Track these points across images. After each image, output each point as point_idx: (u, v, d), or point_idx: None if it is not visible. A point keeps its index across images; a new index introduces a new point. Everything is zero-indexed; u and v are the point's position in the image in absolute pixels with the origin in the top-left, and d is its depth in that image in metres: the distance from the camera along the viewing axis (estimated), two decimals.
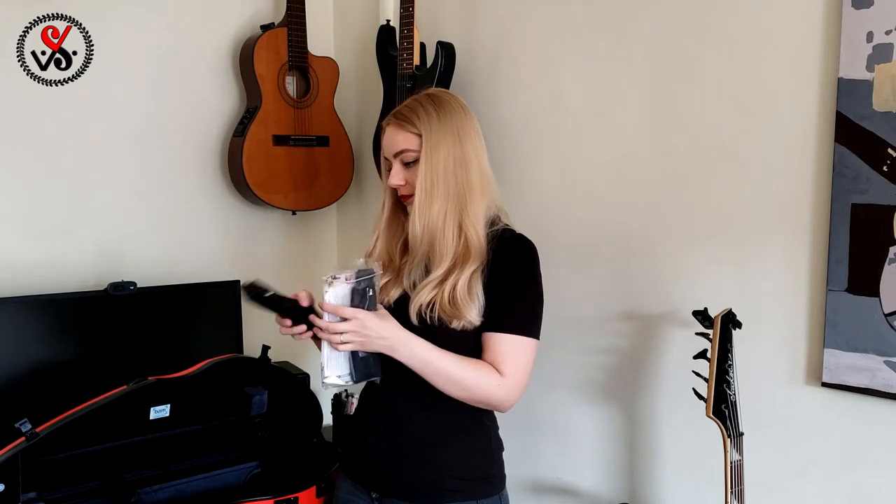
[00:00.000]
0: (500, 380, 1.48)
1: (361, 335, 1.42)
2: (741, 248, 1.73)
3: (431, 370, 1.47)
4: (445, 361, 1.47)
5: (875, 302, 1.52)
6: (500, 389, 1.49)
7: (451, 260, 1.50)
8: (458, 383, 1.48)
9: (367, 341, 1.43)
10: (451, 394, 1.49)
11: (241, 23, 2.53)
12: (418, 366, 1.47)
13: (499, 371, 1.48)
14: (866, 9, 1.50)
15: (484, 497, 1.55)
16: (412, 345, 1.46)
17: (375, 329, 1.42)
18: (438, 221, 1.50)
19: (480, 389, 1.49)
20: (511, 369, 1.49)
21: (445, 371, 1.47)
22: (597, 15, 1.97)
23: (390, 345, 1.44)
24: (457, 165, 1.51)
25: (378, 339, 1.43)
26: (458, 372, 1.47)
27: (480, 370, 1.48)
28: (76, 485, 1.89)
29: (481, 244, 1.51)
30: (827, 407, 1.62)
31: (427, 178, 1.50)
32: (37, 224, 2.22)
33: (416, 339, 1.46)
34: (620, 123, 1.94)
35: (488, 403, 1.53)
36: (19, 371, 2.02)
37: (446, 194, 1.51)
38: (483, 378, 1.48)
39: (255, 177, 2.42)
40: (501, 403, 1.52)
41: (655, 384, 1.89)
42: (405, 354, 1.45)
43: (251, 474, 2.13)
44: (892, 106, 1.48)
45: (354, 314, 1.42)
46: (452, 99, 1.57)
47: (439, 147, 1.51)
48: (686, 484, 1.86)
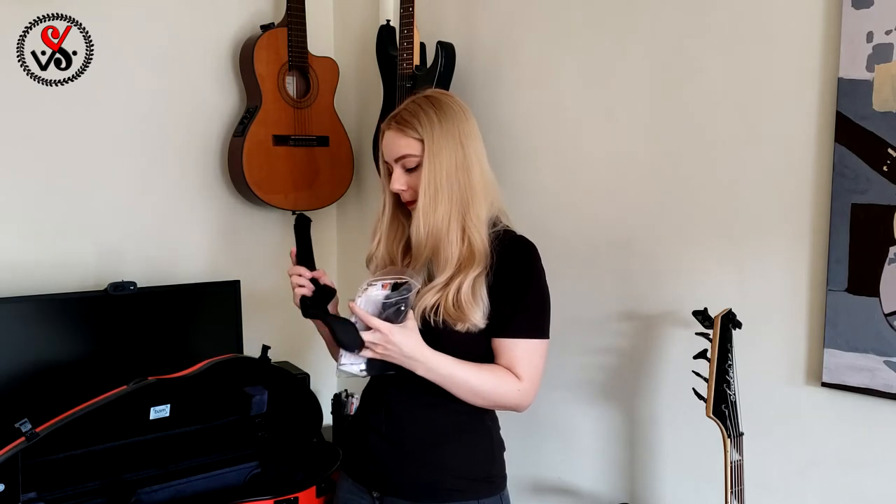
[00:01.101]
0: (518, 384, 1.51)
1: (384, 348, 1.45)
2: (741, 248, 1.73)
3: (451, 383, 1.49)
4: (466, 374, 1.49)
5: (875, 302, 1.52)
6: (519, 394, 1.52)
7: (456, 264, 1.50)
8: (479, 393, 1.50)
9: (388, 354, 1.46)
10: (470, 402, 1.52)
11: (241, 23, 2.53)
12: (439, 380, 1.49)
13: (516, 375, 1.50)
14: (866, 9, 1.50)
15: (485, 497, 1.56)
16: (432, 363, 1.47)
17: (398, 345, 1.45)
18: (443, 226, 1.51)
19: (500, 396, 1.51)
20: (527, 372, 1.51)
21: (467, 383, 1.49)
22: (597, 15, 1.97)
23: (412, 363, 1.47)
24: (459, 169, 1.51)
25: (400, 355, 1.46)
26: (479, 382, 1.49)
27: (500, 377, 1.50)
28: (76, 485, 1.89)
29: (485, 247, 1.52)
30: (827, 407, 1.62)
31: (430, 183, 1.50)
32: (37, 224, 2.22)
33: (436, 355, 1.48)
34: (620, 123, 1.94)
35: (506, 406, 1.55)
36: (19, 371, 2.02)
37: (450, 199, 1.51)
38: (502, 385, 1.50)
39: (255, 177, 2.42)
40: (520, 406, 1.54)
41: (655, 384, 1.89)
42: (424, 371, 1.48)
43: (251, 474, 2.13)
44: (892, 106, 1.48)
45: (380, 326, 1.44)
46: (452, 101, 1.57)
47: (441, 152, 1.51)
48: (686, 484, 1.86)
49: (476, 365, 1.50)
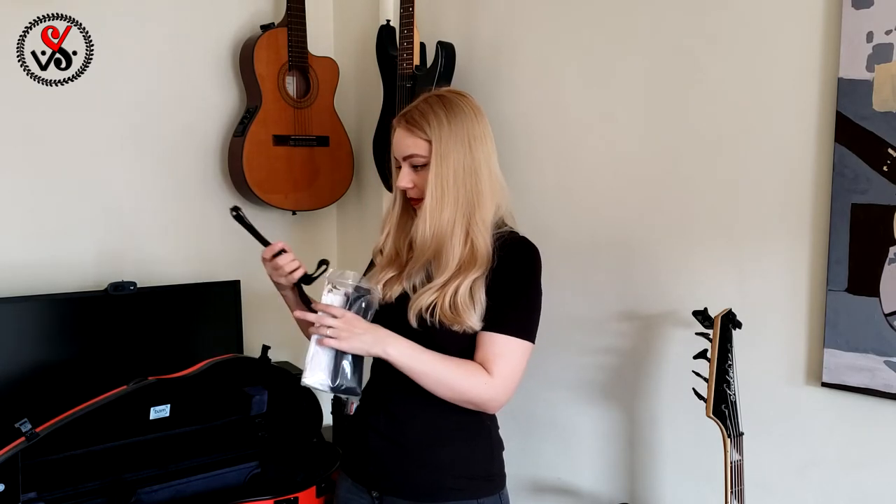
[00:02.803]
0: (487, 379, 1.48)
1: (347, 331, 1.46)
2: (741, 248, 1.73)
3: (419, 369, 1.48)
4: (431, 361, 1.48)
5: (875, 302, 1.52)
6: (487, 389, 1.49)
7: (456, 266, 1.50)
8: (445, 383, 1.48)
9: (352, 337, 1.46)
10: (438, 394, 1.50)
11: (241, 23, 2.53)
12: (405, 367, 1.48)
13: (487, 371, 1.49)
14: (866, 9, 1.50)
15: (484, 496, 1.55)
16: (397, 343, 1.48)
17: (361, 326, 1.47)
18: (447, 228, 1.51)
19: (467, 389, 1.49)
20: (500, 370, 1.49)
21: (433, 370, 1.48)
22: (597, 15, 1.97)
23: (376, 349, 1.47)
24: (466, 173, 1.51)
25: (363, 334, 1.47)
26: (445, 371, 1.48)
27: (467, 370, 1.49)
28: (76, 485, 1.89)
29: (487, 250, 1.51)
30: (827, 407, 1.62)
31: (437, 185, 1.50)
32: (37, 224, 2.22)
33: (401, 340, 1.48)
34: (620, 123, 1.94)
35: (475, 403, 1.52)
36: (19, 371, 2.02)
37: (456, 201, 1.51)
38: (469, 377, 1.48)
39: (255, 177, 2.42)
40: (487, 403, 1.51)
41: (655, 384, 1.89)
42: (392, 354, 1.47)
43: (251, 474, 2.13)
44: (892, 106, 1.48)
45: (343, 313, 1.47)
46: (463, 101, 1.56)
47: (449, 155, 1.50)
48: (686, 484, 1.86)
49: (446, 357, 1.49)
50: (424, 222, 1.51)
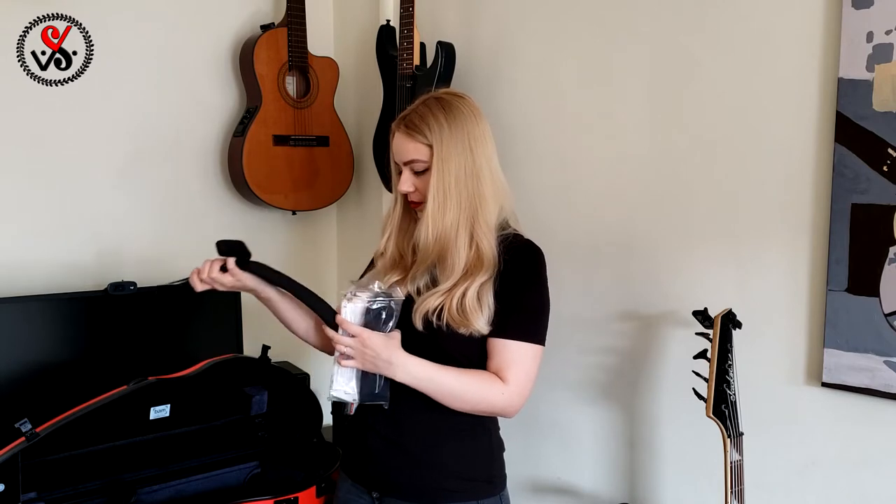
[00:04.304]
0: (503, 388, 1.49)
1: (360, 353, 1.45)
2: (741, 248, 1.73)
3: (434, 388, 1.48)
4: (448, 378, 1.48)
5: (875, 302, 1.52)
6: (503, 398, 1.49)
7: (463, 270, 1.50)
8: (462, 398, 1.49)
9: (365, 360, 1.46)
10: (456, 408, 1.50)
11: (240, 23, 2.53)
12: (420, 386, 1.48)
13: (502, 378, 1.49)
14: (866, 9, 1.50)
15: (485, 497, 1.56)
16: (410, 368, 1.47)
17: (375, 349, 1.45)
18: (451, 232, 1.50)
19: (484, 400, 1.50)
20: (515, 376, 1.49)
21: (449, 388, 1.48)
22: (597, 15, 1.97)
23: (391, 369, 1.46)
24: (468, 176, 1.51)
25: (376, 359, 1.45)
26: (461, 387, 1.48)
27: (483, 382, 1.49)
28: (76, 485, 1.89)
29: (493, 253, 1.51)
30: (827, 407, 1.62)
31: (439, 189, 1.50)
32: (37, 224, 2.22)
33: (416, 360, 1.47)
34: (620, 123, 1.94)
35: (493, 412, 1.54)
36: (19, 371, 2.02)
37: (458, 205, 1.50)
38: (486, 389, 1.49)
39: (255, 177, 2.42)
40: (504, 410, 1.52)
41: (655, 384, 1.89)
42: (403, 377, 1.47)
43: (251, 474, 2.13)
44: (892, 106, 1.48)
45: (359, 332, 1.45)
46: (462, 103, 1.55)
47: (450, 158, 1.50)
48: (686, 484, 1.86)
49: (459, 370, 1.49)
50: (427, 227, 1.51)
